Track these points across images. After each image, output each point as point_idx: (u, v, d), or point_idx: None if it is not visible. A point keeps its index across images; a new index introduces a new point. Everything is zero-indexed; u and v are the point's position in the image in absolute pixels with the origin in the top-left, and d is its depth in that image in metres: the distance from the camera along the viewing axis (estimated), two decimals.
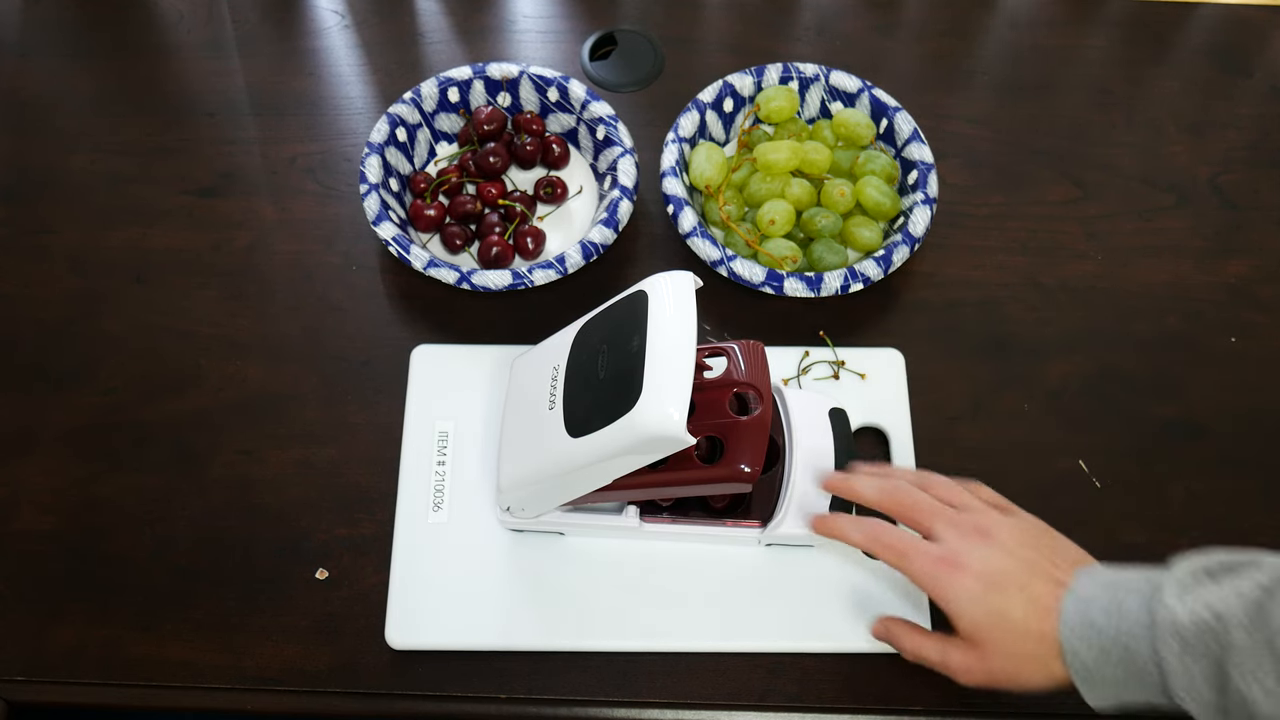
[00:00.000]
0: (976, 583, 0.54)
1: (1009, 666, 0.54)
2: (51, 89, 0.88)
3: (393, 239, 0.73)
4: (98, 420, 0.74)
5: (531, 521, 0.66)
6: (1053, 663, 0.53)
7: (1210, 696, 0.48)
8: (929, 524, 0.57)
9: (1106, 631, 0.51)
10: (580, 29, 0.91)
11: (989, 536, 0.55)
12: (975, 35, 0.93)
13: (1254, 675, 0.46)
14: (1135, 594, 0.51)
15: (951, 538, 0.56)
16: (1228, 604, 0.48)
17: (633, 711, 0.66)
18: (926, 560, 0.56)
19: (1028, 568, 0.54)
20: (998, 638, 0.54)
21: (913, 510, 0.58)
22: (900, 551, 0.57)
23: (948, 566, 0.55)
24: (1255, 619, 0.47)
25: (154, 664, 0.66)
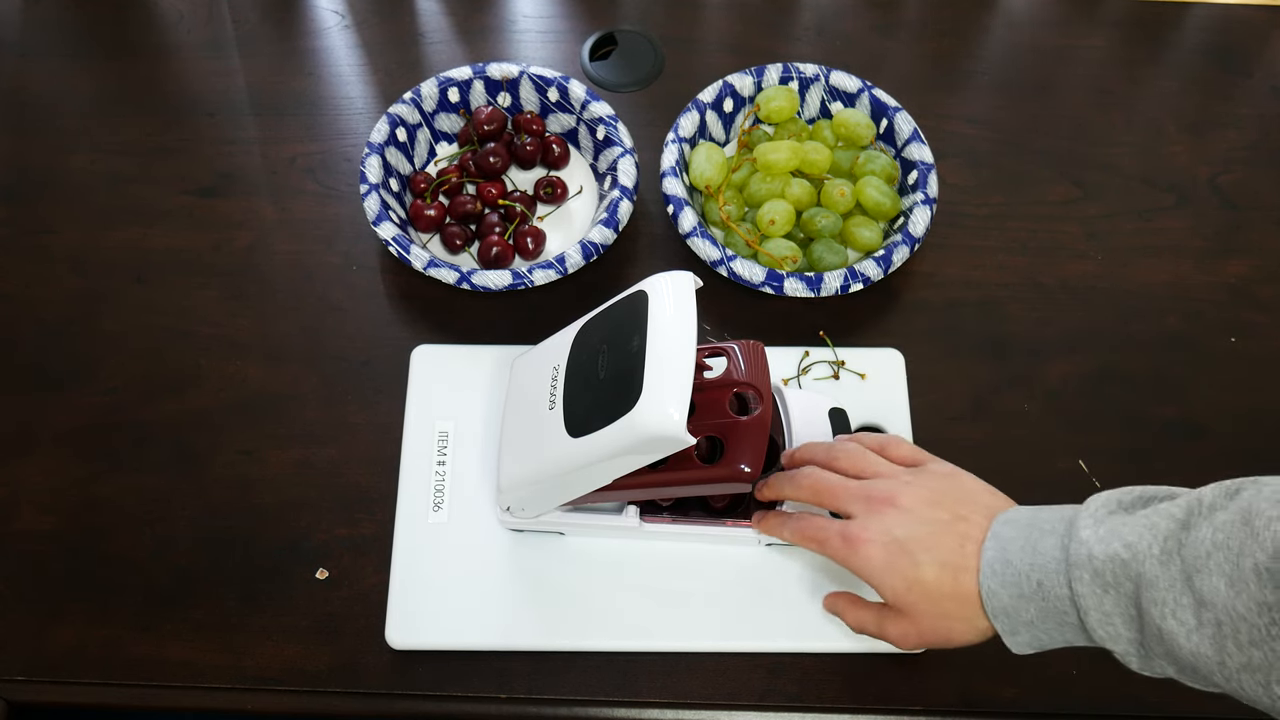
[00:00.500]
0: (883, 552, 0.53)
1: (938, 627, 0.53)
2: (51, 89, 0.88)
3: (393, 239, 0.73)
4: (98, 420, 0.74)
5: (531, 521, 0.66)
6: (977, 618, 0.52)
7: (1127, 633, 0.47)
8: (839, 504, 0.56)
9: (1022, 571, 0.50)
10: (580, 29, 0.91)
11: (892, 504, 0.54)
12: (975, 35, 0.93)
13: (1170, 610, 0.45)
14: (1050, 533, 0.50)
15: (858, 511, 0.55)
16: (1141, 537, 0.46)
17: (633, 711, 0.66)
18: (835, 540, 0.55)
19: (933, 529, 0.53)
20: (917, 602, 0.53)
21: (823, 495, 0.57)
22: (814, 538, 0.57)
23: (853, 542, 0.54)
24: (1169, 551, 0.45)
25: (154, 664, 0.66)
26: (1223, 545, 0.44)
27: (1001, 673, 0.67)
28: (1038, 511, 0.52)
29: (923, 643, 0.54)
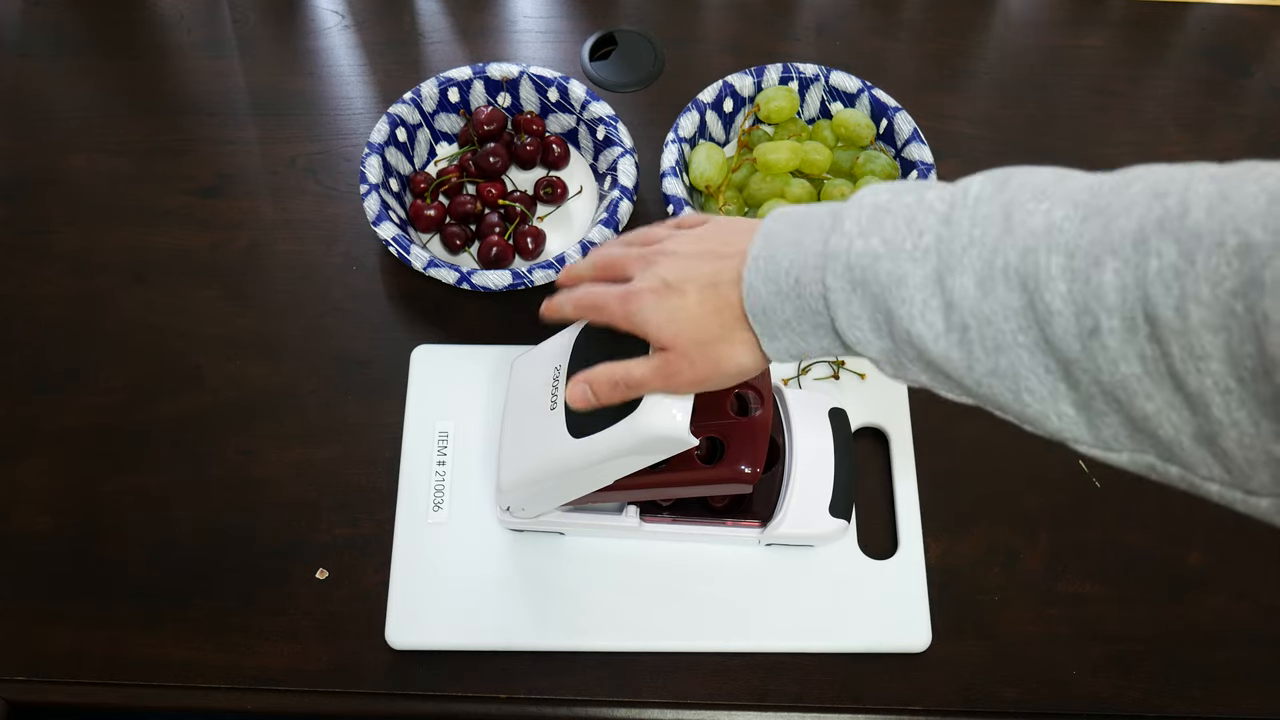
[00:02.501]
0: (654, 295, 0.50)
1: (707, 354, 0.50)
2: (51, 89, 0.88)
3: (393, 239, 0.73)
4: (98, 420, 0.74)
5: (531, 521, 0.66)
6: (740, 329, 0.49)
7: (876, 340, 0.44)
8: (621, 270, 0.54)
9: (783, 266, 0.46)
10: (580, 29, 0.91)
11: (666, 254, 0.52)
12: (975, 35, 0.93)
13: (919, 312, 0.42)
14: (818, 226, 0.46)
15: (635, 271, 0.53)
16: (898, 231, 0.43)
17: (633, 711, 0.66)
18: (613, 300, 0.52)
19: (700, 259, 0.50)
20: (679, 330, 0.50)
21: (612, 268, 0.55)
22: (596, 305, 0.54)
23: (627, 298, 0.52)
24: (924, 248, 0.42)
25: (154, 664, 0.66)
26: (978, 241, 0.41)
27: (1002, 673, 0.67)
28: (813, 207, 0.48)
29: (692, 376, 0.50)
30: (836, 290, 0.44)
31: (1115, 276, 0.36)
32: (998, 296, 0.40)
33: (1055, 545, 0.70)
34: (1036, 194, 0.40)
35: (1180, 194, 0.36)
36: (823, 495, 0.65)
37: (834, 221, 0.45)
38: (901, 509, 0.70)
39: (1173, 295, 0.35)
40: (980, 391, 0.43)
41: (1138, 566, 0.70)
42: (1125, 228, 0.37)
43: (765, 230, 0.48)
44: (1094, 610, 0.69)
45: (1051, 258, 0.38)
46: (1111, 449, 0.41)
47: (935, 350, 0.42)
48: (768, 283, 0.47)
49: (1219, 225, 0.34)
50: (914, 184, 0.45)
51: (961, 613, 0.68)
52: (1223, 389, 0.34)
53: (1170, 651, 0.68)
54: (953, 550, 0.70)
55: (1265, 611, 0.69)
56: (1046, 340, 0.39)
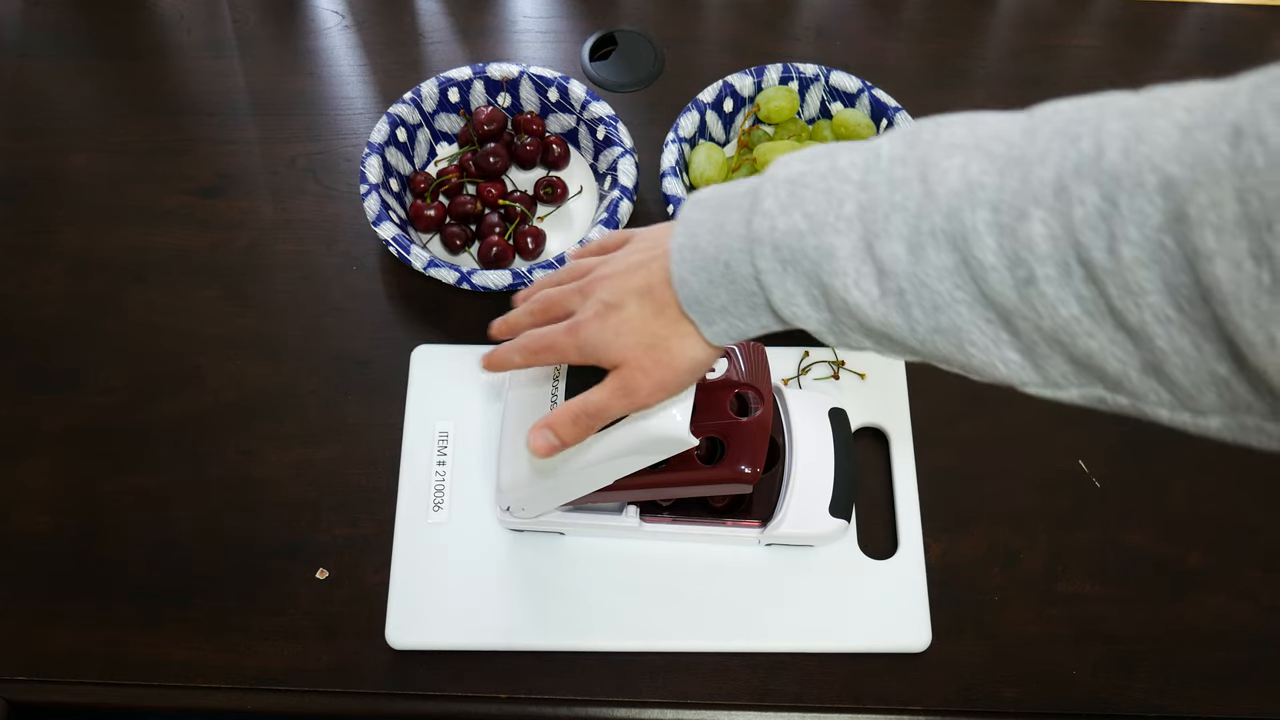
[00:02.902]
0: (597, 320, 0.50)
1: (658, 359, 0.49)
2: (51, 89, 0.88)
3: (393, 239, 0.73)
4: (98, 420, 0.74)
5: (531, 521, 0.66)
6: (682, 323, 0.48)
7: (815, 313, 0.44)
8: (565, 310, 0.53)
9: (710, 254, 0.46)
10: (580, 29, 0.91)
11: (600, 279, 0.51)
12: (975, 35, 0.93)
13: (853, 281, 0.42)
14: (736, 208, 0.45)
15: (576, 304, 0.52)
16: (819, 205, 0.42)
17: (633, 711, 0.66)
18: (560, 336, 0.52)
19: (630, 272, 0.50)
20: (628, 343, 0.49)
21: (548, 309, 0.54)
22: (544, 346, 0.53)
23: (575, 329, 0.51)
24: (846, 217, 0.42)
25: (154, 664, 0.66)
26: (900, 206, 0.40)
27: (1002, 673, 0.67)
28: (727, 187, 0.48)
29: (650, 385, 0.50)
30: (768, 271, 0.44)
31: (1043, 226, 0.36)
32: (929, 259, 0.40)
33: (1055, 545, 0.70)
34: (949, 149, 0.40)
35: (1093, 136, 0.36)
36: (823, 495, 0.65)
37: (752, 201, 0.45)
38: (901, 509, 0.70)
39: (1102, 238, 0.35)
40: (925, 349, 0.43)
41: (1138, 566, 0.70)
42: (1044, 177, 0.37)
43: (684, 219, 0.48)
44: (1094, 610, 0.69)
45: (977, 214, 0.38)
46: (1060, 387, 0.41)
47: (874, 316, 0.42)
48: (697, 272, 0.47)
49: (1136, 166, 0.34)
50: (824, 149, 0.45)
51: (961, 613, 0.68)
52: (1163, 319, 0.34)
53: (1170, 651, 0.68)
54: (953, 550, 0.70)
55: (1265, 611, 0.69)
56: (983, 294, 0.39)
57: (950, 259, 0.39)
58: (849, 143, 0.45)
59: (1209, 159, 0.31)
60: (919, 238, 0.40)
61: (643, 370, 0.50)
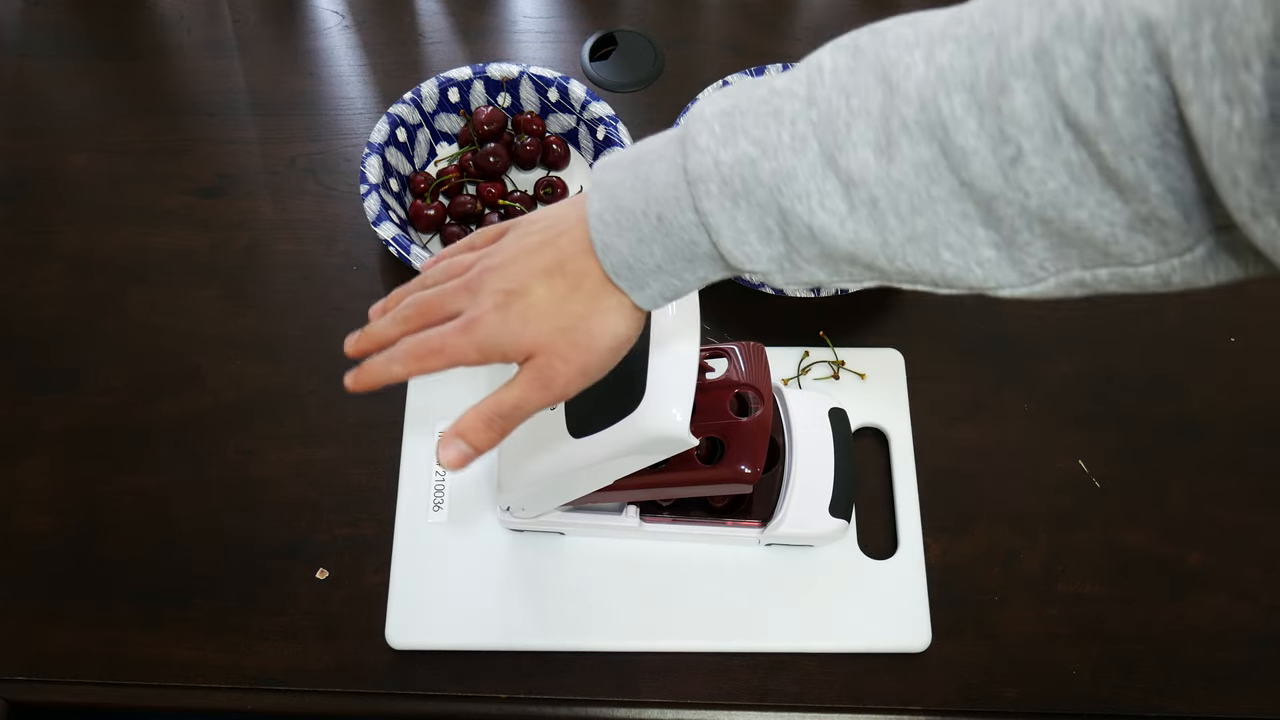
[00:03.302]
0: (497, 311, 0.45)
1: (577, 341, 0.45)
2: (51, 89, 0.88)
3: (393, 239, 0.73)
4: (98, 420, 0.74)
5: (531, 521, 0.66)
6: (604, 294, 0.44)
7: (766, 249, 0.41)
8: (447, 312, 0.48)
9: (637, 210, 0.42)
10: (580, 29, 0.91)
11: (491, 270, 0.47)
12: None
13: (818, 202, 0.39)
14: (661, 158, 0.42)
15: (464, 302, 0.47)
16: (767, 128, 0.40)
17: (633, 711, 0.66)
18: (454, 337, 0.46)
19: (531, 253, 0.45)
20: (541, 329, 0.45)
21: (427, 313, 0.48)
22: (432, 349, 0.47)
23: (471, 326, 0.46)
24: (800, 136, 0.39)
25: (154, 664, 0.66)
26: (861, 112, 0.38)
27: (1002, 673, 0.67)
28: (642, 143, 0.44)
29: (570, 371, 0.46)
30: (715, 212, 0.41)
31: (1026, 95, 0.35)
32: (904, 156, 0.38)
33: (1055, 545, 0.70)
34: (904, 47, 0.39)
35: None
36: (823, 495, 0.65)
37: (681, 145, 0.42)
38: (901, 509, 0.70)
39: (1090, 96, 0.34)
40: (893, 266, 0.41)
41: (1138, 566, 0.70)
42: (1021, 45, 0.36)
43: (598, 183, 0.44)
44: (1094, 610, 0.69)
45: (953, 98, 0.37)
46: (1037, 279, 0.40)
47: (842, 235, 0.40)
48: (624, 234, 0.43)
49: (1117, 14, 0.33)
50: (750, 80, 0.43)
51: (961, 613, 0.68)
52: (1152, 162, 0.34)
53: (1170, 651, 0.68)
54: (953, 550, 0.70)
55: (1265, 611, 0.69)
56: (964, 184, 0.38)
57: (927, 152, 0.38)
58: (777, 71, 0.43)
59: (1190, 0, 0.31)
60: (889, 138, 0.38)
61: (561, 357, 0.45)
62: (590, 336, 0.45)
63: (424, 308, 0.48)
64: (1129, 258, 0.37)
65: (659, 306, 0.46)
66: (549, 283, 0.45)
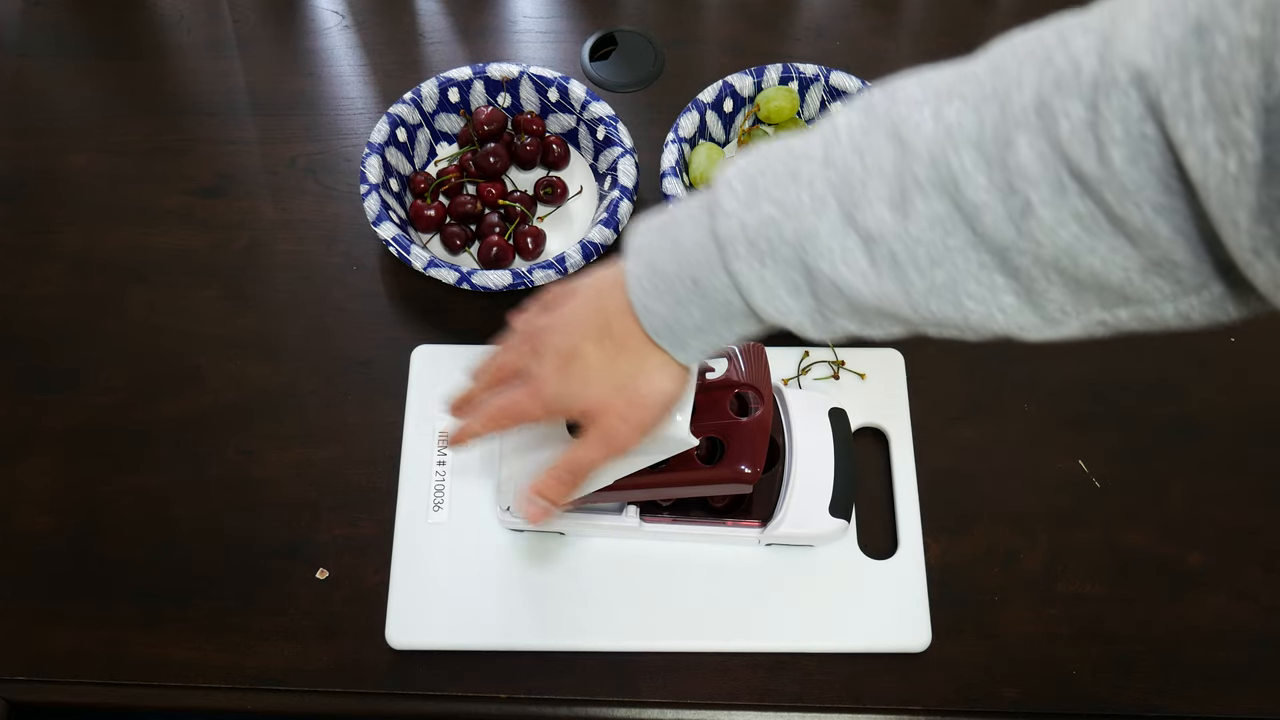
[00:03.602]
0: (557, 373, 0.49)
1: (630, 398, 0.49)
2: (51, 89, 0.88)
3: (393, 239, 0.73)
4: (98, 420, 0.74)
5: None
6: (650, 353, 0.48)
7: (796, 304, 0.43)
8: (518, 374, 0.53)
9: (673, 275, 0.45)
10: (580, 29, 0.91)
11: (545, 334, 0.51)
12: (975, 35, 0.93)
13: (840, 258, 0.41)
14: (690, 222, 0.45)
15: (530, 364, 0.52)
16: (787, 190, 0.42)
17: (633, 711, 0.66)
18: (524, 398, 0.51)
19: (581, 318, 0.49)
20: (598, 390, 0.49)
21: (503, 376, 0.54)
22: (506, 411, 0.52)
23: (536, 388, 0.50)
24: (819, 196, 0.41)
25: (154, 664, 0.66)
26: (876, 170, 0.40)
27: (1002, 673, 0.67)
28: (673, 209, 0.47)
29: (628, 428, 0.50)
30: (745, 272, 0.43)
31: (1030, 149, 0.37)
32: (919, 212, 0.39)
33: (1055, 545, 0.70)
34: (913, 105, 0.40)
35: (1064, 52, 0.36)
36: (823, 495, 0.65)
37: (708, 210, 0.44)
38: (901, 509, 0.70)
39: (1091, 148, 0.35)
40: (919, 315, 0.42)
41: (1137, 566, 0.70)
42: (1023, 101, 0.37)
43: (633, 249, 0.47)
44: (1094, 610, 0.69)
45: (962, 154, 0.38)
46: (1059, 322, 0.41)
47: (866, 290, 0.42)
48: (662, 296, 0.46)
49: (1109, 68, 0.34)
50: (768, 145, 0.45)
51: (961, 613, 0.68)
52: (1158, 208, 0.35)
53: (1170, 651, 0.68)
54: (953, 550, 0.70)
55: (1265, 611, 0.69)
56: (978, 235, 0.39)
57: (940, 206, 0.39)
58: (795, 133, 0.44)
59: (1178, 50, 0.32)
60: (903, 195, 0.39)
61: (619, 416, 0.49)
62: (641, 394, 0.49)
63: (500, 372, 0.55)
64: (1147, 298, 0.38)
65: (699, 362, 0.49)
66: (599, 345, 0.48)
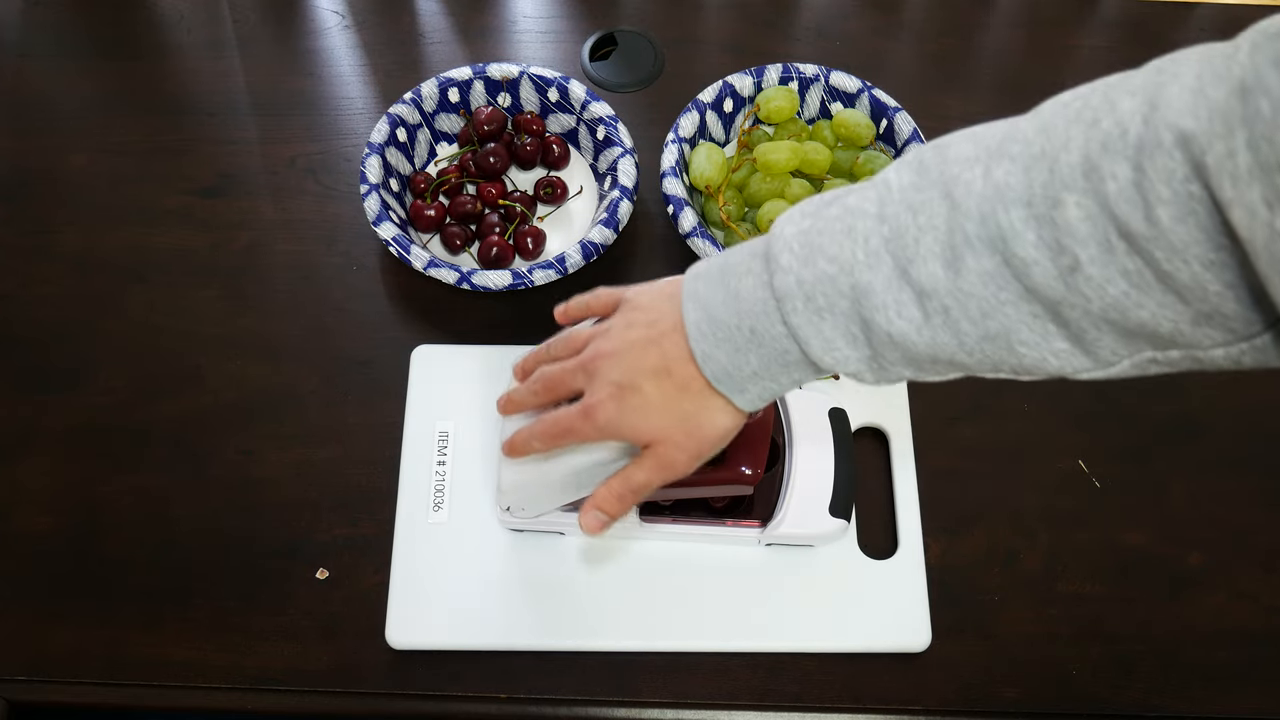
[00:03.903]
0: (613, 402, 0.50)
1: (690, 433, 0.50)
2: (51, 89, 0.88)
3: (393, 239, 0.73)
4: (98, 420, 0.74)
5: (531, 521, 0.66)
6: (710, 398, 0.49)
7: (854, 353, 0.45)
8: (570, 388, 0.54)
9: (731, 324, 0.47)
10: (580, 29, 0.91)
11: (601, 356, 0.52)
12: (975, 35, 0.93)
13: (895, 312, 0.43)
14: (748, 273, 0.47)
15: (583, 383, 0.53)
16: (842, 246, 0.44)
17: (633, 711, 0.66)
18: (578, 421, 0.52)
19: (637, 350, 0.50)
20: (657, 423, 0.50)
21: (553, 389, 0.55)
22: (562, 431, 0.53)
23: (590, 412, 0.51)
24: (874, 252, 0.43)
25: (154, 664, 0.66)
26: (929, 228, 0.42)
27: (1002, 673, 0.67)
28: (726, 256, 0.49)
29: (686, 458, 0.51)
30: (803, 325, 0.45)
31: (1078, 209, 0.38)
32: (969, 268, 0.41)
33: (1055, 545, 0.70)
34: (964, 164, 0.42)
35: (1111, 115, 0.38)
36: (823, 495, 0.65)
37: (766, 263, 0.46)
38: (901, 509, 0.70)
39: (1138, 208, 0.36)
40: (973, 360, 0.44)
41: (1137, 566, 0.70)
42: (1071, 162, 0.38)
43: (691, 294, 0.49)
44: (1093, 610, 0.69)
45: (1011, 213, 0.40)
46: (1111, 364, 0.42)
47: (920, 341, 0.43)
48: (720, 344, 0.48)
49: (1154, 130, 0.36)
50: (824, 197, 0.47)
51: (961, 613, 0.68)
52: (1207, 264, 0.36)
53: (1170, 651, 0.68)
54: (953, 550, 0.70)
55: (1265, 611, 0.69)
56: (1028, 290, 0.40)
57: (990, 263, 0.41)
58: (848, 186, 0.46)
59: (1221, 112, 0.33)
60: (955, 251, 0.41)
61: (677, 446, 0.51)
62: (701, 428, 0.51)
63: (549, 384, 0.55)
64: (1197, 344, 0.39)
65: (758, 408, 0.50)
66: (658, 383, 0.50)
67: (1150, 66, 0.38)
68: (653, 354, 0.50)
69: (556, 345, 0.57)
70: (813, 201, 0.47)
